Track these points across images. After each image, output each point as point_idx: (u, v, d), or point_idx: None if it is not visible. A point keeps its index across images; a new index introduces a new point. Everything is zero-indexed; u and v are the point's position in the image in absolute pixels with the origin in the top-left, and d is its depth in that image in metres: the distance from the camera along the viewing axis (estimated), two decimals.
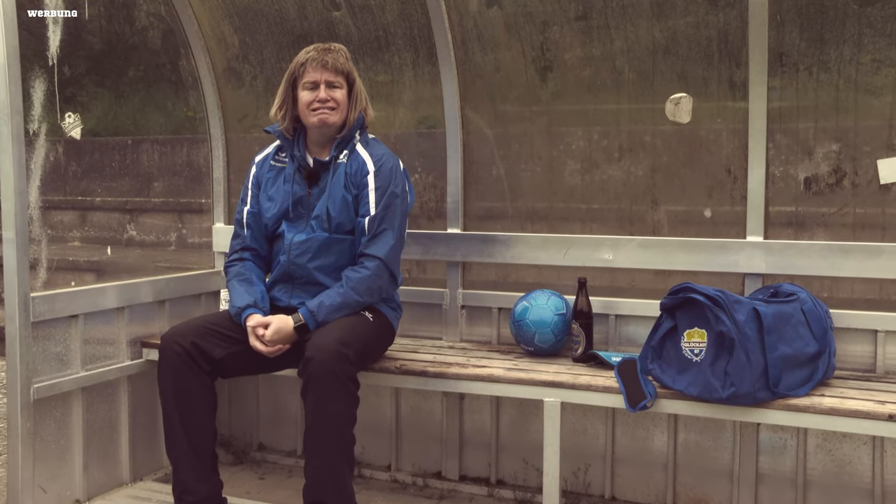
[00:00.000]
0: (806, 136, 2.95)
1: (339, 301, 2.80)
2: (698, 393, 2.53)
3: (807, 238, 2.95)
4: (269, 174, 3.03)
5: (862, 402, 2.47)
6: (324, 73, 2.87)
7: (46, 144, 3.01)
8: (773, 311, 2.56)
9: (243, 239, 3.03)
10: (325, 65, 2.87)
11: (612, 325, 3.15)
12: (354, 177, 2.90)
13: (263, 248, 3.04)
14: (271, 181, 3.01)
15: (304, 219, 2.93)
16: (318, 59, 2.88)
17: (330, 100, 2.87)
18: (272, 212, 2.97)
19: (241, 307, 2.84)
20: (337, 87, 2.89)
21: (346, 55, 2.95)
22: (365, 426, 2.96)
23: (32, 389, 2.84)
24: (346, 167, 2.91)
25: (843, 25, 2.85)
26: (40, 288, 2.92)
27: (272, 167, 3.03)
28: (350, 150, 2.94)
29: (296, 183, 2.94)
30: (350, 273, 2.85)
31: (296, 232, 2.93)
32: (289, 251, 2.92)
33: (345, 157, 2.93)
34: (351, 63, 2.96)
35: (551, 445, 2.72)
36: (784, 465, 2.95)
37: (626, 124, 3.21)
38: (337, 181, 2.90)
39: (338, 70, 2.89)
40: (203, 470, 2.79)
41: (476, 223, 3.43)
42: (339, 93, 2.90)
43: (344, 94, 2.91)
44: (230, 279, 2.98)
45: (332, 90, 2.89)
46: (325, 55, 2.89)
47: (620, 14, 3.12)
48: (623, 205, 3.22)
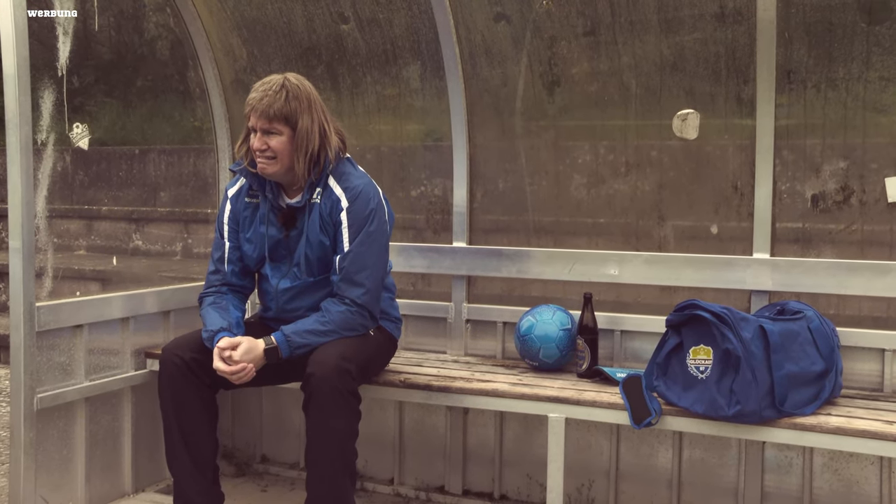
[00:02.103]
0: (813, 154, 2.95)
1: (319, 329, 2.68)
2: (704, 410, 2.52)
3: (814, 255, 2.94)
4: (246, 213, 2.86)
5: (869, 422, 2.45)
6: (259, 119, 2.65)
7: (54, 154, 3.02)
8: (779, 328, 2.55)
9: (224, 275, 2.88)
10: (256, 111, 2.64)
11: (618, 340, 3.13)
12: (329, 216, 2.74)
13: (244, 280, 2.92)
14: (248, 221, 2.86)
15: (287, 262, 2.83)
16: (252, 104, 2.66)
17: (267, 148, 2.67)
18: (252, 255, 2.86)
19: (213, 330, 2.70)
20: (274, 134, 2.66)
21: (290, 94, 2.64)
22: (368, 439, 2.95)
23: (36, 399, 2.83)
24: (320, 207, 2.75)
25: (852, 43, 2.84)
26: (45, 297, 2.92)
27: (247, 204, 2.86)
28: (323, 187, 2.75)
29: (271, 224, 2.80)
30: (330, 306, 2.72)
31: (280, 277, 2.84)
32: (276, 297, 2.85)
33: (318, 195, 2.75)
34: (297, 101, 2.64)
35: (555, 461, 2.70)
36: (790, 484, 2.93)
37: (633, 139, 3.21)
38: (313, 223, 2.75)
39: (271, 117, 2.63)
40: (204, 483, 2.78)
41: (482, 237, 3.42)
42: (276, 140, 2.66)
43: (283, 140, 2.66)
44: (204, 308, 2.83)
45: (269, 137, 2.66)
46: (261, 100, 2.63)
47: (628, 30, 3.12)
48: (629, 220, 3.21)
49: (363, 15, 3.47)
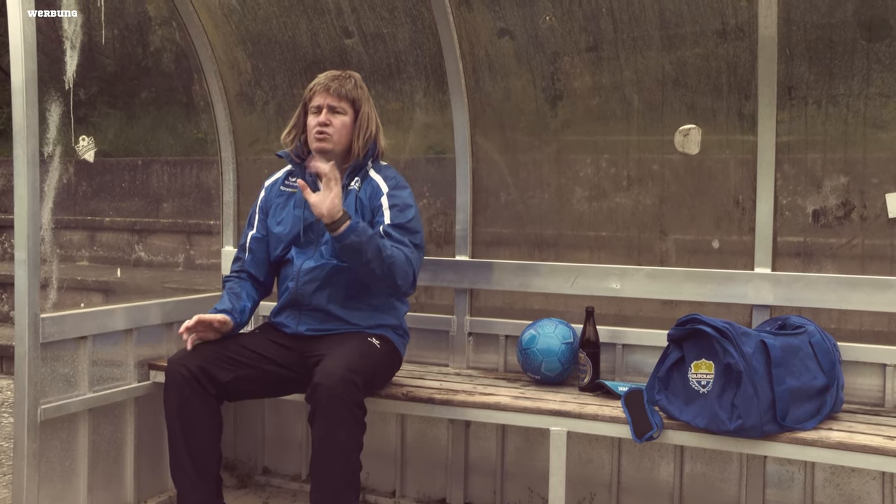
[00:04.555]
0: (814, 169, 2.97)
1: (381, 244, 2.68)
2: (705, 425, 2.52)
3: (815, 270, 2.96)
4: (279, 199, 3.03)
5: (871, 437, 2.45)
6: (327, 97, 2.87)
7: (60, 167, 3.03)
8: (780, 343, 2.56)
9: (242, 262, 3.03)
10: (328, 89, 2.87)
11: (619, 354, 3.14)
12: (369, 201, 2.89)
13: (261, 274, 3.03)
14: (280, 206, 3.01)
15: (314, 244, 2.92)
16: (324, 84, 2.89)
17: (329, 124, 2.86)
18: (282, 236, 2.97)
19: (218, 310, 2.84)
20: (339, 113, 2.88)
21: (357, 82, 2.94)
22: (370, 452, 2.95)
23: (39, 410, 2.84)
24: (358, 193, 2.90)
25: (852, 60, 2.87)
26: (50, 309, 2.93)
27: (281, 192, 3.04)
28: (363, 177, 2.94)
29: (307, 208, 2.90)
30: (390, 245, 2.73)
31: (305, 258, 2.92)
32: (297, 277, 2.91)
33: (356, 183, 2.93)
34: (361, 90, 2.94)
35: (557, 474, 2.71)
36: (791, 499, 2.93)
37: (634, 153, 3.23)
38: (348, 206, 2.87)
39: (341, 95, 2.87)
40: (207, 494, 2.78)
41: (484, 250, 3.44)
42: (340, 119, 2.88)
43: (347, 120, 2.89)
44: (224, 291, 2.99)
45: (334, 115, 2.88)
46: (333, 81, 2.89)
47: (631, 45, 3.15)
48: (631, 234, 3.23)
49: (367, 29, 3.49)
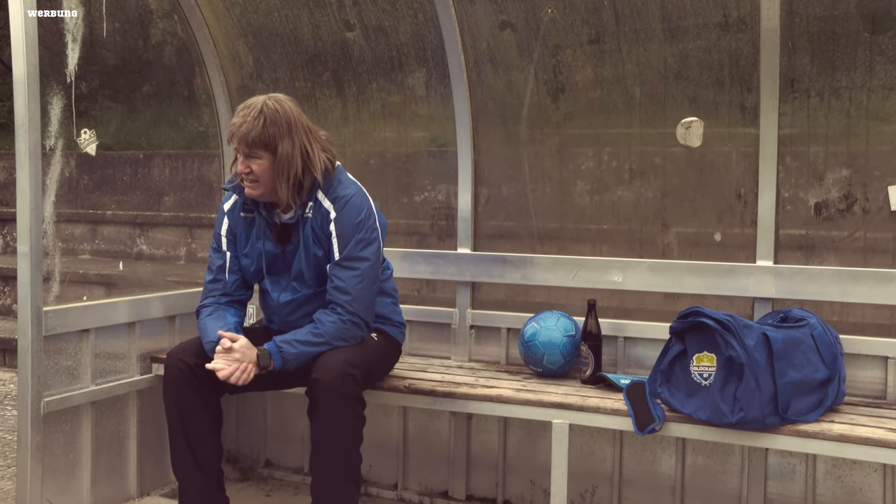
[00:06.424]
0: (816, 162, 2.96)
1: (311, 340, 2.67)
2: (707, 417, 2.53)
3: (817, 263, 2.95)
4: (242, 228, 2.87)
5: (872, 430, 2.46)
6: (239, 144, 2.66)
7: (62, 160, 3.03)
8: (782, 336, 2.56)
9: (225, 285, 2.89)
10: (237, 137, 2.66)
11: (621, 347, 3.14)
12: (321, 228, 2.75)
13: (247, 294, 2.95)
14: (244, 236, 2.87)
15: (285, 276, 2.84)
16: (232, 129, 2.67)
17: (250, 172, 2.67)
18: (250, 269, 2.88)
19: (214, 340, 2.68)
20: (256, 158, 2.65)
21: (268, 120, 2.62)
22: (372, 444, 2.96)
23: (43, 403, 2.85)
24: (312, 221, 2.76)
25: (855, 52, 2.86)
26: (53, 302, 2.93)
27: (243, 219, 2.86)
28: (314, 201, 2.76)
29: (267, 240, 2.81)
30: (322, 316, 2.71)
31: (280, 290, 2.85)
32: (278, 310, 2.87)
33: (310, 209, 2.76)
34: (276, 127, 2.62)
35: (559, 467, 2.71)
36: (793, 491, 2.94)
37: (636, 146, 3.22)
38: (307, 237, 2.76)
39: (251, 142, 2.63)
40: (208, 487, 2.79)
41: (486, 243, 3.44)
42: (257, 164, 2.66)
43: (264, 165, 2.65)
44: (202, 319, 2.84)
45: (252, 160, 2.66)
46: (241, 126, 2.64)
47: (633, 38, 3.14)
48: (633, 227, 3.22)
49: (369, 22, 3.49)
